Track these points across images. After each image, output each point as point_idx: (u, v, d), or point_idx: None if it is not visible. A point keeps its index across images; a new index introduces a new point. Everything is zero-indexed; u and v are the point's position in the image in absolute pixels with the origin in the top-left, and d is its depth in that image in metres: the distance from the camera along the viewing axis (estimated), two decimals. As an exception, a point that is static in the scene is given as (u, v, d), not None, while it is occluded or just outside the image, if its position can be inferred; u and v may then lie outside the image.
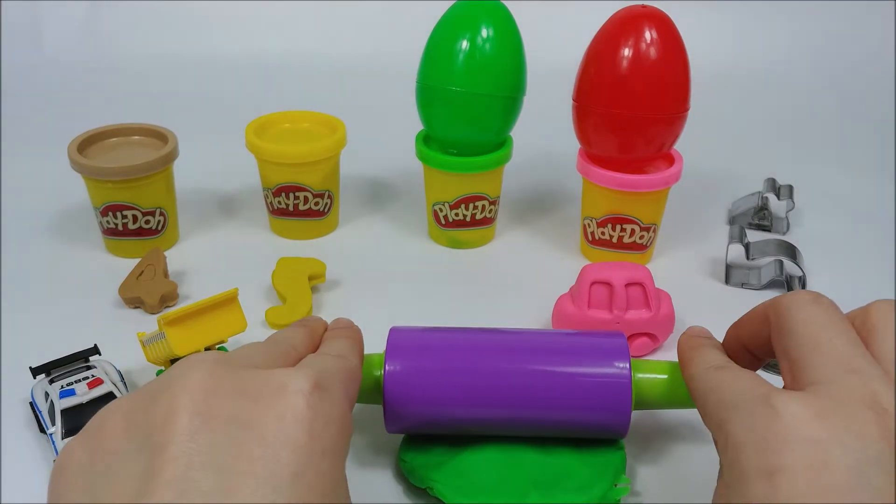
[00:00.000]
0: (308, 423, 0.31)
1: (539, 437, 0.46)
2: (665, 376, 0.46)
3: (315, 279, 0.63)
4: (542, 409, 0.44)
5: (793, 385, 0.34)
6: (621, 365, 0.44)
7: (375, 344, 0.59)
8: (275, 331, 0.59)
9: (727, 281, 0.66)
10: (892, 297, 0.63)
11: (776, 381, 0.36)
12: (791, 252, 0.65)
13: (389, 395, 0.45)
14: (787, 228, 0.74)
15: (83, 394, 0.48)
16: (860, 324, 0.36)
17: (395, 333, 0.47)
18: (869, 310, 0.36)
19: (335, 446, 0.33)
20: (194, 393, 0.32)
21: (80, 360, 0.52)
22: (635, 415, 0.48)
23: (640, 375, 0.46)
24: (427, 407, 0.45)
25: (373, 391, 0.46)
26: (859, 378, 0.32)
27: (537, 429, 0.46)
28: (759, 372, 0.40)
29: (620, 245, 0.66)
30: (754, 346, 0.40)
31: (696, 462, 0.48)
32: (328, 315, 0.61)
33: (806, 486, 0.30)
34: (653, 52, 0.59)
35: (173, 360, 0.51)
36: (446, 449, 0.47)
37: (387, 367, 0.45)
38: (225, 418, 0.31)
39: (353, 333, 0.45)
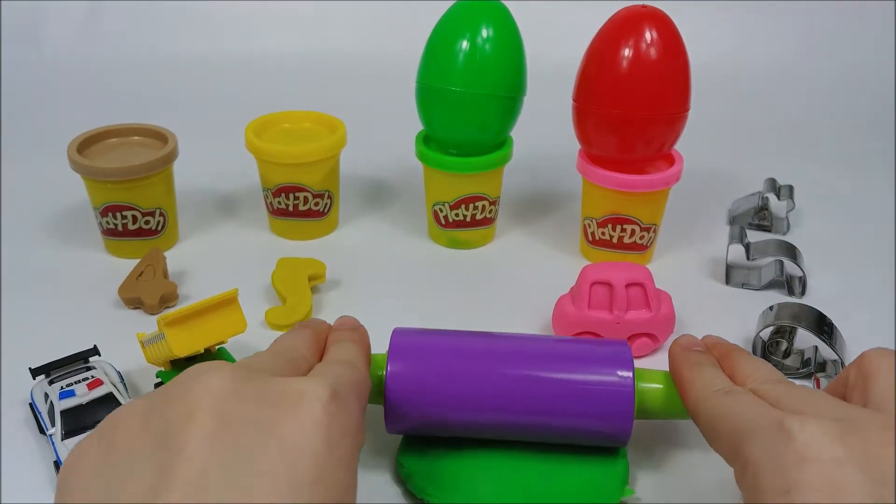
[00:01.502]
0: (326, 431, 0.32)
1: (540, 442, 0.46)
2: (664, 386, 0.45)
3: (315, 279, 0.63)
4: (543, 415, 0.44)
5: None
6: (624, 374, 0.44)
7: (375, 344, 0.59)
8: (275, 332, 0.59)
9: (727, 281, 0.66)
10: (891, 300, 0.63)
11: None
12: (791, 252, 0.65)
13: (391, 396, 0.45)
14: (788, 228, 0.74)
15: (83, 395, 0.48)
16: (855, 373, 0.38)
17: (397, 335, 0.47)
18: (862, 359, 0.38)
19: (350, 454, 0.33)
20: (214, 395, 0.32)
21: (80, 360, 0.52)
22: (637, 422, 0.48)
23: (644, 385, 0.45)
24: (428, 409, 0.44)
25: (374, 391, 0.45)
26: (880, 412, 0.34)
27: (538, 434, 0.45)
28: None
29: (620, 245, 0.66)
30: None
31: (699, 468, 0.48)
32: (328, 316, 0.62)
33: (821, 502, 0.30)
34: (653, 52, 0.59)
35: (173, 361, 0.51)
36: (444, 456, 0.46)
37: (389, 368, 0.45)
38: (244, 422, 0.31)
39: (359, 337, 0.44)
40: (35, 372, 0.50)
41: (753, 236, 0.71)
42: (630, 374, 0.44)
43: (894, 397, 0.35)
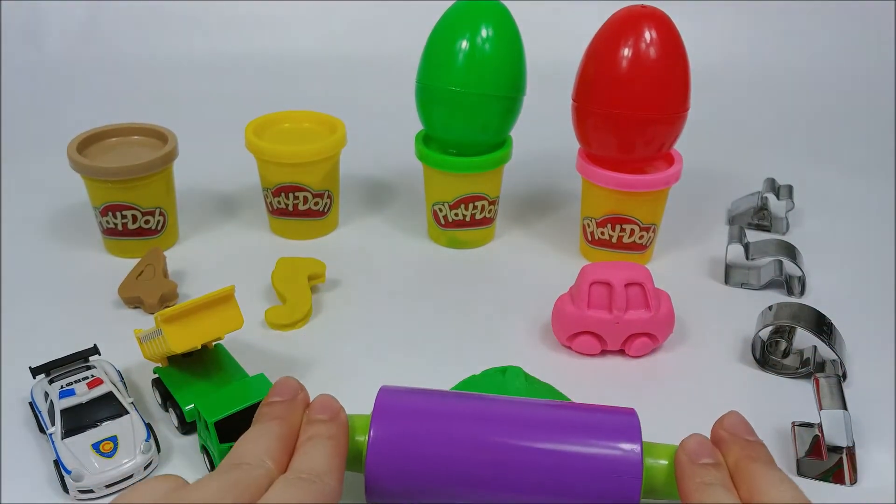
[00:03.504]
0: None
1: None
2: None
3: (315, 279, 0.63)
4: (540, 493, 0.40)
5: None
6: (631, 447, 0.39)
7: (372, 345, 0.59)
8: (274, 331, 0.59)
9: (727, 281, 0.66)
10: (891, 300, 0.63)
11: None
12: (791, 252, 0.65)
13: (372, 464, 0.40)
14: (787, 228, 0.74)
15: (83, 394, 0.48)
16: None
17: (383, 395, 0.42)
18: None
19: None
20: None
21: (80, 360, 0.52)
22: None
23: (652, 461, 0.40)
24: (413, 481, 0.40)
25: (354, 458, 0.41)
26: None
27: None
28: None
29: (620, 245, 0.66)
30: None
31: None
32: (329, 316, 0.62)
33: None
34: (653, 52, 0.59)
35: (170, 358, 0.52)
36: None
37: (372, 434, 0.40)
38: None
39: (336, 430, 0.39)
40: (35, 371, 0.50)
41: (753, 236, 0.71)
42: (638, 448, 0.39)
43: None
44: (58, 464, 0.45)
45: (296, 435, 0.39)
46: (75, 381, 0.49)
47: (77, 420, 0.47)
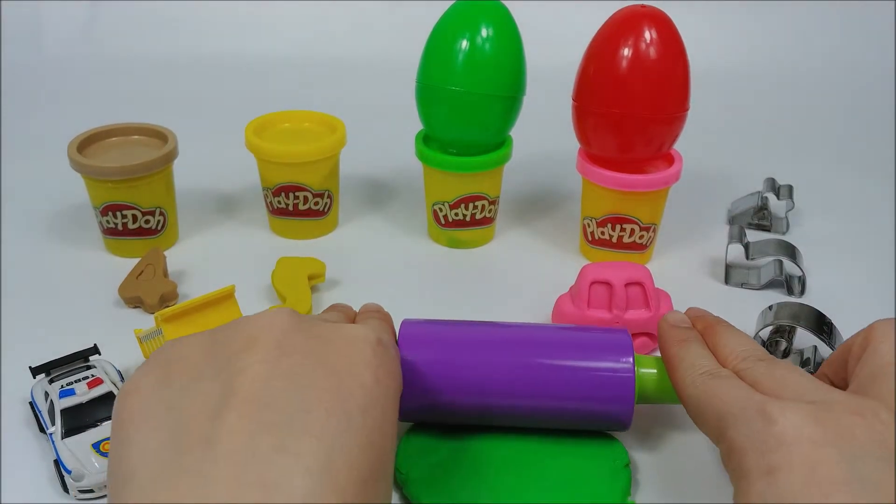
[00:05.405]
0: (374, 369, 0.35)
1: (544, 427, 0.48)
2: (662, 372, 0.47)
3: (315, 279, 0.63)
4: (548, 400, 0.46)
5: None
6: (625, 360, 0.46)
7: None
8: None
9: (727, 281, 0.66)
10: (891, 300, 0.63)
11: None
12: (791, 252, 0.65)
13: (403, 344, 0.47)
14: (787, 228, 0.74)
15: (83, 393, 0.48)
16: (861, 341, 0.41)
17: (405, 326, 0.49)
18: (870, 329, 0.41)
19: (394, 394, 0.36)
20: (274, 329, 0.35)
21: (80, 359, 0.52)
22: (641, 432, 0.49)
23: (643, 370, 0.47)
24: (434, 396, 0.46)
25: None
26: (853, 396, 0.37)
27: (543, 419, 0.47)
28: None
29: (620, 245, 0.66)
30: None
31: (696, 450, 0.48)
32: (328, 315, 0.62)
33: (802, 481, 0.33)
34: (653, 52, 0.59)
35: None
36: (443, 463, 0.46)
37: (401, 331, 0.48)
38: (302, 352, 0.34)
39: (384, 316, 0.47)
40: (35, 371, 0.51)
41: (753, 236, 0.71)
42: (630, 361, 0.46)
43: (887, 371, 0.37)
44: (58, 463, 0.45)
45: (352, 321, 0.47)
46: (75, 381, 0.49)
47: (77, 420, 0.47)
